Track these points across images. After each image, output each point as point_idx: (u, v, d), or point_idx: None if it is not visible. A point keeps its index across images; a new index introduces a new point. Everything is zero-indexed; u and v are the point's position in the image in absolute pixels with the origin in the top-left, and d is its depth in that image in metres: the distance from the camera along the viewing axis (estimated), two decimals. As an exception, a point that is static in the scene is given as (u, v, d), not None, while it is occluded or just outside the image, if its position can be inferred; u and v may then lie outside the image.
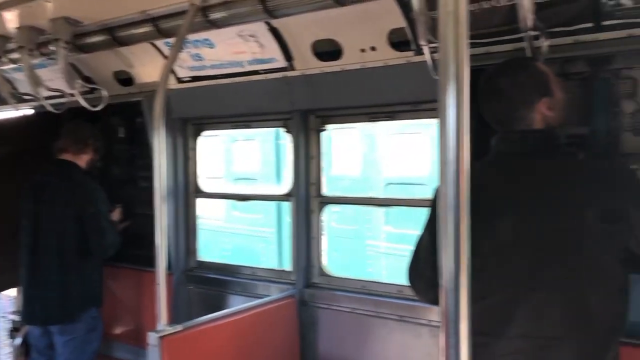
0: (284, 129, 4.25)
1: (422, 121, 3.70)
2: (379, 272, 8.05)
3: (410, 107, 3.61)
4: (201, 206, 4.96)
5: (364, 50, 3.48)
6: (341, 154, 8.38)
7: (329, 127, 4.10)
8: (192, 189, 4.82)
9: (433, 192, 2.38)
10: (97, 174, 4.98)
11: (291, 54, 3.76)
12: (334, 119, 4.10)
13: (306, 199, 4.08)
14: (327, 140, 4.20)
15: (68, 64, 4.11)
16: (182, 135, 4.74)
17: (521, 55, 2.76)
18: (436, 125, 1.33)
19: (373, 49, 3.44)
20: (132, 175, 5.13)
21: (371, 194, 8.12)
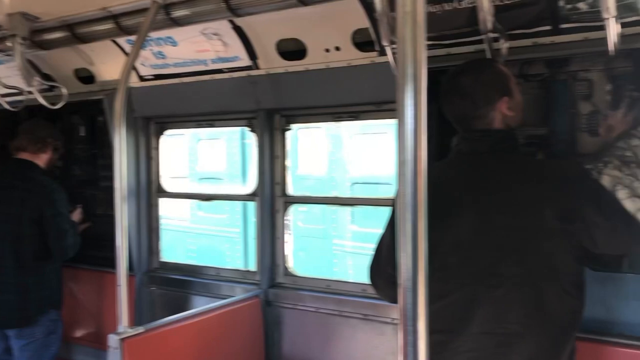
0: (248, 129, 4.23)
1: (388, 121, 3.73)
2: (345, 271, 8.08)
3: (374, 107, 3.63)
4: (165, 206, 4.90)
5: (328, 50, 3.48)
6: (307, 153, 8.37)
7: (294, 126, 4.10)
8: (154, 188, 4.75)
9: (395, 191, 2.40)
10: (57, 174, 4.87)
11: (255, 52, 3.74)
12: (299, 118, 4.10)
13: (271, 198, 4.07)
14: (292, 139, 4.20)
15: (26, 61, 3.99)
16: (145, 134, 4.67)
17: (482, 56, 2.80)
18: (394, 125, 1.34)
19: (337, 49, 3.45)
20: (94, 175, 5.03)
21: (337, 193, 8.14)
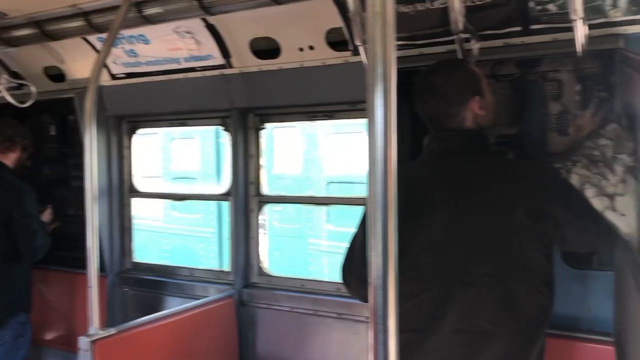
0: (222, 128, 4.20)
1: (362, 120, 3.73)
2: (321, 270, 8.08)
3: (349, 107, 3.64)
4: (138, 206, 4.85)
5: (302, 49, 3.48)
6: (282, 152, 8.35)
7: (268, 125, 4.09)
8: (127, 188, 4.70)
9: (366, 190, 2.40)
10: (26, 173, 4.79)
11: (229, 51, 3.72)
12: (273, 117, 4.08)
13: (245, 198, 4.05)
14: (268, 139, 4.18)
15: (-7, 58, 3.93)
16: (117, 134, 4.61)
17: (453, 57, 2.83)
18: (365, 125, 1.34)
19: (311, 48, 3.45)
20: (64, 175, 4.96)
21: (312, 192, 8.14)
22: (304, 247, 8.42)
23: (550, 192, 2.20)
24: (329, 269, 7.93)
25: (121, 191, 4.68)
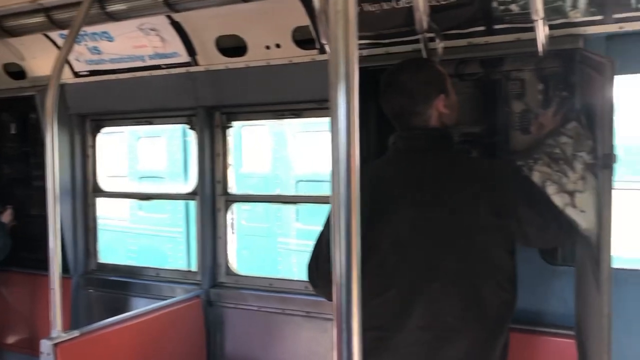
0: (188, 126, 4.16)
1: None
2: (290, 269, 8.07)
3: (316, 105, 3.64)
4: (103, 206, 4.77)
5: (268, 47, 3.47)
6: (251, 151, 8.31)
7: (235, 124, 4.06)
8: (91, 188, 4.61)
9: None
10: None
11: (194, 48, 3.69)
12: (240, 115, 4.06)
13: (212, 197, 4.02)
14: (236, 137, 4.15)
15: (-51, 55, 3.81)
16: (80, 132, 4.53)
17: (419, 56, 2.85)
18: (328, 124, 1.34)
19: (278, 46, 3.44)
20: (26, 175, 4.85)
21: (280, 191, 8.12)
22: (273, 246, 8.40)
23: (513, 190, 2.24)
24: (298, 267, 7.92)
25: (85, 191, 4.60)
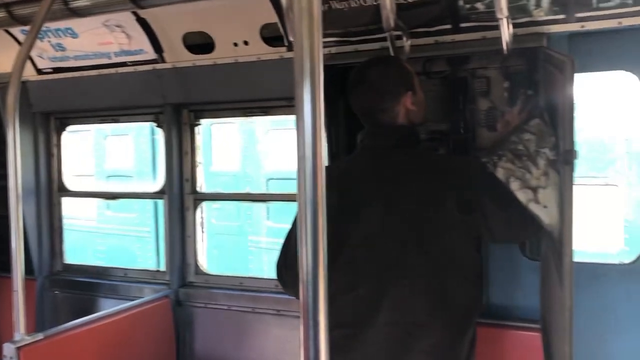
0: (155, 124, 4.10)
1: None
2: (261, 267, 8.04)
3: (285, 103, 3.63)
4: (69, 206, 4.68)
5: (236, 44, 3.44)
6: (221, 149, 8.25)
7: (203, 121, 4.02)
8: (56, 187, 4.53)
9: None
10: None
11: (161, 45, 3.64)
12: (208, 113, 4.03)
13: (180, 196, 3.98)
14: (205, 135, 4.12)
15: None
16: (45, 131, 4.44)
17: (387, 53, 2.86)
18: (293, 121, 1.33)
19: (246, 43, 3.42)
20: (-13, 174, 4.71)
21: (250, 189, 8.08)
22: (244, 245, 8.36)
23: (478, 186, 2.27)
24: (269, 266, 7.90)
25: (50, 190, 4.51)
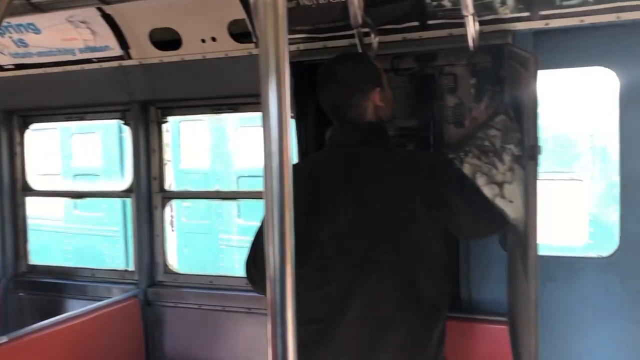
0: (122, 121, 4.04)
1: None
2: (232, 265, 7.99)
3: (254, 100, 3.60)
4: (34, 206, 4.58)
5: (204, 40, 3.41)
6: (190, 147, 8.17)
7: (170, 119, 3.98)
8: (20, 187, 4.43)
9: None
10: None
11: (127, 42, 3.58)
12: (176, 110, 3.99)
13: (148, 194, 3.93)
14: (174, 132, 4.07)
15: None
16: (6, 129, 4.34)
17: (355, 50, 2.87)
18: (259, 118, 1.32)
19: (213, 39, 3.38)
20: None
21: (220, 187, 8.01)
22: (215, 243, 8.30)
23: (446, 182, 2.29)
24: (240, 264, 7.86)
25: (13, 190, 4.41)
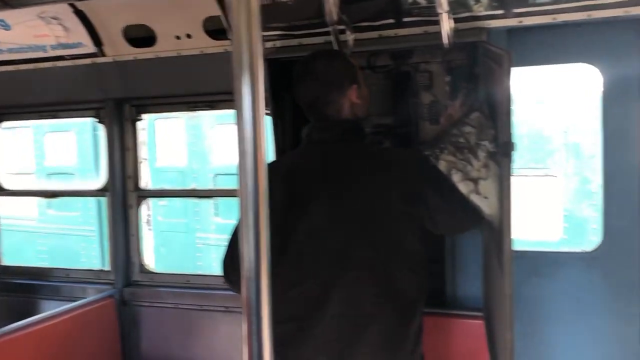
0: (96, 119, 3.98)
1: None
2: (209, 264, 7.94)
3: (230, 97, 3.56)
4: (7, 205, 4.50)
5: (179, 37, 3.37)
6: (166, 145, 8.09)
7: (145, 116, 3.94)
8: (-9, 186, 4.34)
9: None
10: None
11: (100, 38, 3.53)
12: (151, 108, 3.94)
13: (123, 193, 3.89)
14: (149, 130, 4.03)
15: None
16: (-23, 128, 4.24)
17: (331, 47, 2.87)
18: (233, 116, 1.32)
19: (189, 36, 3.35)
20: None
21: (196, 185, 7.95)
22: (192, 242, 8.24)
23: (422, 179, 2.30)
24: (218, 263, 7.82)
25: (-16, 189, 4.32)
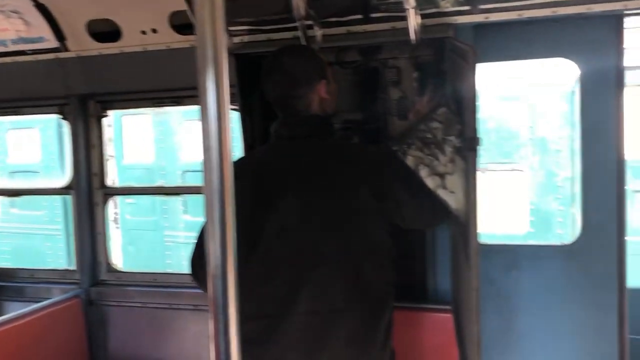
0: (60, 116, 3.90)
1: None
2: (179, 263, 7.85)
3: (196, 92, 3.53)
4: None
5: (144, 32, 3.32)
6: (134, 141, 7.96)
7: (111, 112, 3.87)
8: (-51, 186, 4.21)
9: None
10: None
11: (63, 33, 3.45)
12: (117, 104, 3.88)
13: (88, 191, 3.82)
14: (116, 127, 3.96)
15: None
16: None
17: (299, 42, 2.86)
18: (197, 111, 1.30)
19: (154, 31, 3.30)
20: None
21: (164, 182, 7.84)
22: (161, 240, 8.12)
23: (390, 174, 2.32)
24: (187, 261, 7.73)
25: (-57, 189, 4.19)
